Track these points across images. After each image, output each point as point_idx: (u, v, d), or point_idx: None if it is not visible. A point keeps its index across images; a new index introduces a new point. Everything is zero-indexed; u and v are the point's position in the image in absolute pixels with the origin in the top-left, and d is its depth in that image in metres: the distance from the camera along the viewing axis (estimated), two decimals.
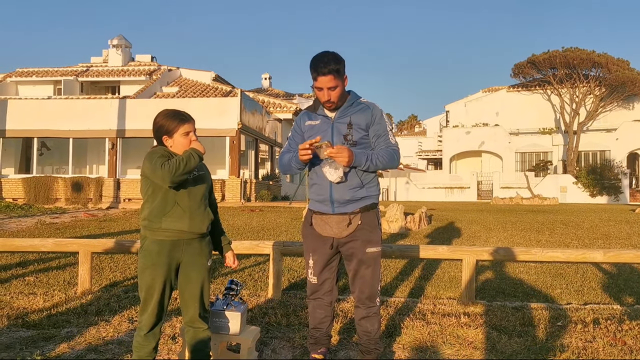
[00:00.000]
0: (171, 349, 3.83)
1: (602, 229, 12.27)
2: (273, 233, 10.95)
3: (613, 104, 37.62)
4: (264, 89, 40.19)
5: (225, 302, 3.44)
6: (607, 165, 35.66)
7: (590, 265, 7.28)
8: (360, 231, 3.21)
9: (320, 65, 3.10)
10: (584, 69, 36.40)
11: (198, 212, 2.95)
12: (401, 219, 11.71)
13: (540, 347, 3.88)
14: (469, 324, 4.39)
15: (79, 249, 5.67)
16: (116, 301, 5.10)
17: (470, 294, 5.16)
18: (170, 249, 2.90)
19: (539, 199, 25.62)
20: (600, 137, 37.41)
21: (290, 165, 3.31)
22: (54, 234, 10.66)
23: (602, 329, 4.30)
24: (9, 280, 6.17)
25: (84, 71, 29.22)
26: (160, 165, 2.78)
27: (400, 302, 5.14)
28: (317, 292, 3.36)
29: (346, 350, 3.83)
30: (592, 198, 33.87)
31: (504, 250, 5.39)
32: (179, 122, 2.92)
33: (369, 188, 3.25)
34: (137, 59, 31.17)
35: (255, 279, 6.31)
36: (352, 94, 3.32)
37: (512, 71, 39.82)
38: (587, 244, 10.01)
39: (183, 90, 26.56)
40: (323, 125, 3.27)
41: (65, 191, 20.70)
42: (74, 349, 3.79)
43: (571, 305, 5.23)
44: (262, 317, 4.54)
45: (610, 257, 5.15)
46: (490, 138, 39.62)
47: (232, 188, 20.77)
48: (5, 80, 28.62)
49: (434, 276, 6.75)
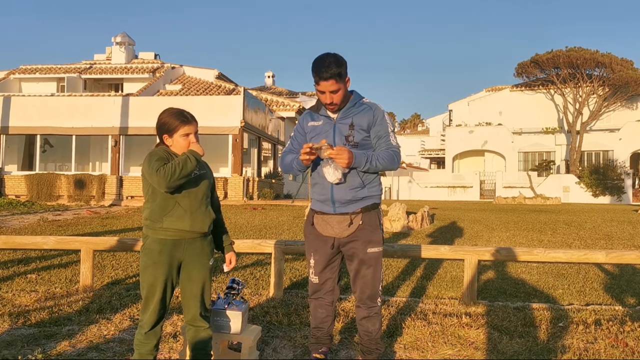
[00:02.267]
0: (172, 347, 3.84)
1: (605, 229, 12.24)
2: (275, 231, 10.95)
3: (616, 104, 37.55)
4: (267, 87, 40.20)
5: (226, 301, 3.44)
6: (610, 165, 35.60)
7: (593, 265, 7.26)
8: (361, 231, 3.21)
9: (321, 70, 3.09)
10: (587, 68, 36.34)
11: (199, 212, 2.95)
12: (403, 218, 11.71)
13: (542, 347, 3.87)
14: (471, 324, 4.38)
15: (81, 247, 5.68)
16: (118, 299, 5.11)
17: (472, 294, 5.15)
18: (171, 248, 2.91)
19: (542, 199, 25.59)
20: (603, 137, 37.33)
21: (292, 166, 3.31)
22: (56, 231, 10.68)
23: (604, 330, 4.29)
24: (11, 278, 6.19)
25: (87, 68, 29.25)
26: (156, 170, 2.79)
27: (401, 302, 5.14)
28: (319, 291, 3.36)
29: (347, 350, 3.83)
30: (595, 198, 33.83)
31: (506, 250, 5.38)
32: (180, 123, 2.92)
33: (370, 188, 3.25)
34: (141, 57, 31.19)
35: (257, 278, 6.31)
36: (355, 94, 3.31)
37: (516, 70, 39.78)
38: (589, 244, 9.99)
39: (186, 88, 26.56)
40: (325, 126, 3.26)
41: (67, 188, 20.74)
42: (75, 346, 3.80)
43: (573, 306, 5.22)
44: (264, 316, 4.54)
45: (612, 258, 5.13)
46: (493, 137, 39.59)
47: (234, 186, 20.78)
48: (9, 77, 28.66)
49: (436, 276, 6.74)
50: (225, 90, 25.52)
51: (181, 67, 29.26)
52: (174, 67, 28.86)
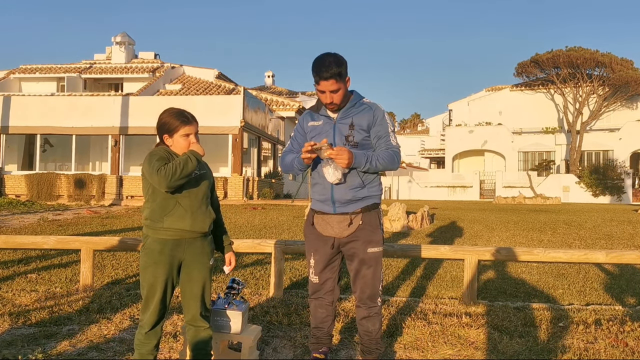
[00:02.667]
0: (172, 347, 3.84)
1: (605, 229, 12.24)
2: (275, 231, 10.95)
3: (616, 104, 37.55)
4: (267, 87, 40.19)
5: (226, 300, 3.44)
6: (610, 165, 35.61)
7: (593, 265, 7.26)
8: (361, 231, 3.21)
9: (321, 70, 3.09)
10: (587, 68, 36.35)
11: (200, 212, 2.95)
12: (403, 218, 11.71)
13: (542, 347, 3.88)
14: (471, 324, 4.39)
15: (81, 247, 5.68)
16: (118, 299, 5.11)
17: (472, 294, 5.15)
18: (172, 248, 2.91)
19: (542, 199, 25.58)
20: (603, 137, 37.34)
21: (293, 166, 3.31)
22: (56, 231, 10.68)
23: (604, 330, 4.29)
24: (12, 277, 6.18)
25: (87, 68, 29.25)
26: (157, 170, 2.79)
27: (401, 302, 5.14)
28: (319, 291, 3.36)
29: (347, 349, 3.83)
30: (595, 198, 33.83)
31: (506, 250, 5.38)
32: (180, 123, 2.93)
33: (370, 188, 3.25)
34: (141, 56, 31.19)
35: (257, 278, 6.31)
36: (355, 94, 3.31)
37: (516, 70, 39.77)
38: (589, 244, 9.99)
39: (186, 87, 26.56)
40: (325, 126, 3.26)
41: (68, 188, 20.73)
42: (75, 346, 3.80)
43: (573, 305, 5.22)
44: (264, 316, 4.54)
45: (612, 258, 5.13)
46: (493, 137, 39.59)
47: (234, 186, 20.77)
48: (9, 77, 28.66)
49: (436, 276, 6.74)
50: (225, 90, 25.52)
51: (181, 67, 29.27)
52: (174, 66, 28.87)
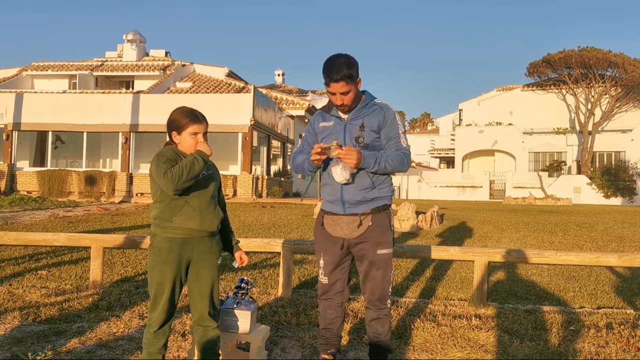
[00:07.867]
0: (181, 346, 3.84)
1: (616, 231, 12.14)
2: (284, 230, 10.95)
3: (629, 105, 37.21)
4: (277, 86, 40.20)
5: (235, 300, 3.43)
6: (622, 167, 35.31)
7: (604, 268, 7.20)
8: (371, 232, 3.18)
9: (332, 72, 3.07)
10: (600, 68, 36.04)
11: (208, 211, 2.95)
12: (413, 218, 11.67)
13: (553, 351, 3.84)
14: (480, 326, 4.35)
15: (91, 244, 5.71)
16: (127, 297, 5.12)
17: (481, 296, 5.12)
18: (180, 247, 2.90)
19: (552, 200, 25.42)
20: (615, 138, 37.02)
21: (304, 167, 3.30)
22: (67, 227, 10.74)
23: (615, 334, 4.24)
24: (22, 274, 6.22)
25: (99, 66, 29.42)
26: (164, 173, 2.78)
27: (411, 303, 5.11)
28: (328, 292, 3.34)
29: (356, 350, 3.81)
30: (606, 199, 33.56)
31: (516, 252, 5.33)
32: (190, 121, 2.93)
33: (380, 189, 3.22)
34: (152, 54, 31.34)
35: (266, 277, 6.31)
36: (367, 94, 3.29)
37: (527, 70, 39.51)
38: (600, 246, 9.91)
39: (196, 85, 26.63)
40: (336, 127, 3.25)
41: (78, 185, 20.87)
42: (84, 344, 3.81)
43: (584, 309, 5.17)
44: (272, 316, 4.53)
45: (625, 261, 5.08)
46: (504, 137, 39.36)
47: (243, 184, 20.80)
48: (21, 74, 28.88)
49: (445, 277, 6.70)
50: (235, 88, 25.56)
51: (191, 65, 29.36)
52: (185, 64, 28.96)
